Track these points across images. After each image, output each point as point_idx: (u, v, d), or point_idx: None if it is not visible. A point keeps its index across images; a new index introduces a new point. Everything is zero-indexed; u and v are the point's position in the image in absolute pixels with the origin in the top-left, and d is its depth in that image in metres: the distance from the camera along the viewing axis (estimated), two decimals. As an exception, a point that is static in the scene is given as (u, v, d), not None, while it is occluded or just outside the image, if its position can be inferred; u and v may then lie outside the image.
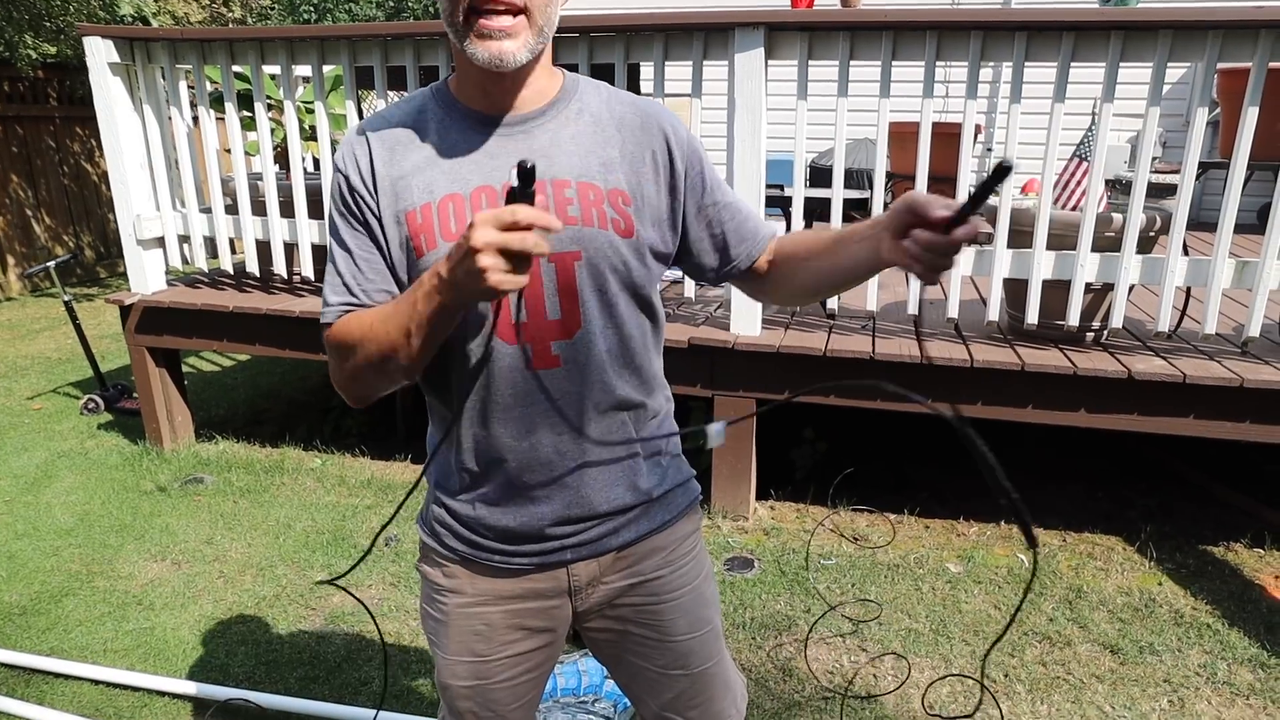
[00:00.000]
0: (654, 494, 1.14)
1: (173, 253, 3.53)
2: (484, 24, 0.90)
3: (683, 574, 1.18)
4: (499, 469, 1.07)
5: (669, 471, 1.17)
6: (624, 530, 1.13)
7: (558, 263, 0.99)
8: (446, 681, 1.18)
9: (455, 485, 1.12)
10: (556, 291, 1.00)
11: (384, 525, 1.08)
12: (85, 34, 3.19)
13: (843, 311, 3.17)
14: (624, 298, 1.05)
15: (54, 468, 3.58)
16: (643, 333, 1.09)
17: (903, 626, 2.44)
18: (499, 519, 1.10)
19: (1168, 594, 2.60)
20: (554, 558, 1.11)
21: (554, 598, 1.15)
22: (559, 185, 1.00)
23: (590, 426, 1.06)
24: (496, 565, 1.12)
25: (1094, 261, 2.60)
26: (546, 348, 1.02)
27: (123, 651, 2.37)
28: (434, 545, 1.16)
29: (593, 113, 1.05)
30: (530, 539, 1.10)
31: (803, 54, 2.63)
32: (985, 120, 6.42)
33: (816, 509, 3.15)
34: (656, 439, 1.14)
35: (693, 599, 1.19)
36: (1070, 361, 2.63)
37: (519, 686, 1.18)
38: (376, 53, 3.00)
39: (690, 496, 1.21)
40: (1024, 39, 2.47)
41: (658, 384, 1.15)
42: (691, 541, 1.21)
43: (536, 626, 1.16)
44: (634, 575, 1.15)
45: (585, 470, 1.08)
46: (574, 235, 1.00)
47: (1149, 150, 2.50)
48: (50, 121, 7.07)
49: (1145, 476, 3.42)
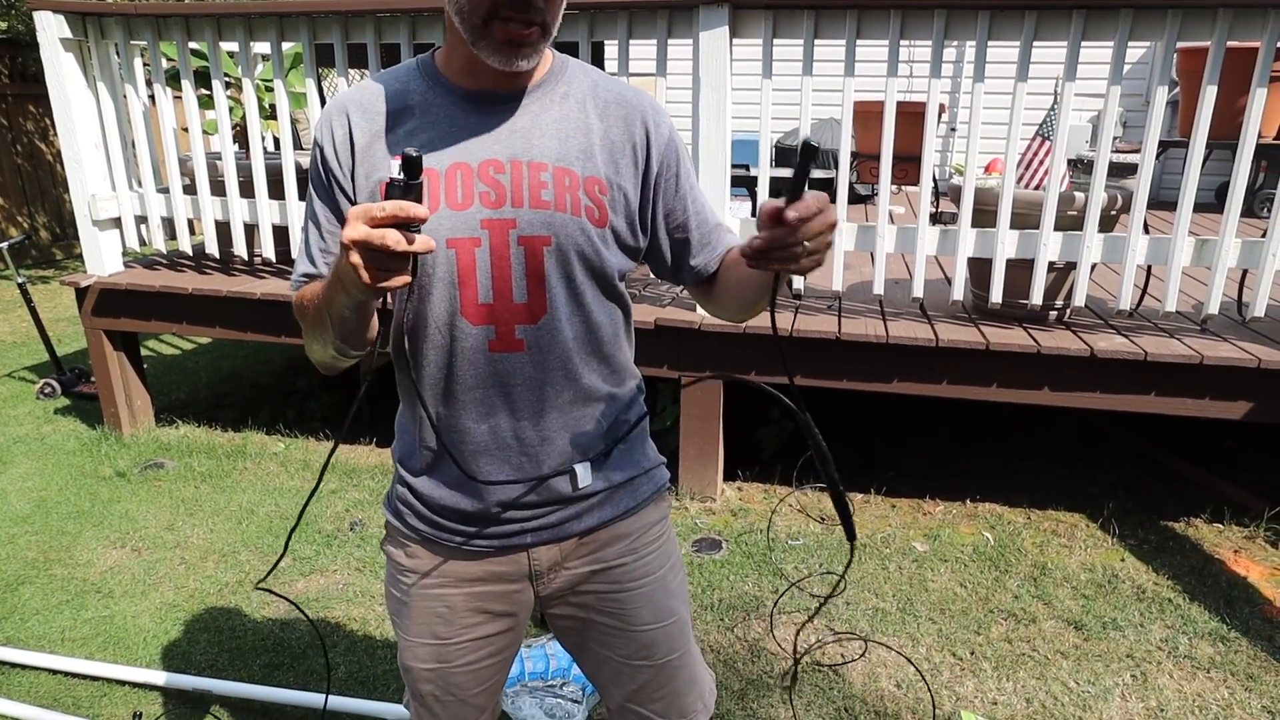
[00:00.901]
0: (616, 480, 1.13)
1: (130, 234, 3.44)
2: (506, 32, 0.90)
3: (647, 562, 1.17)
4: (458, 449, 1.06)
5: (635, 457, 1.16)
6: (586, 516, 1.12)
7: (527, 246, 0.98)
8: (408, 663, 1.17)
9: (417, 464, 1.11)
10: (525, 275, 0.99)
11: (305, 506, 1.06)
12: (36, 8, 3.08)
13: (809, 292, 3.16)
14: (591, 286, 1.04)
15: (9, 453, 3.49)
16: (611, 322, 1.08)
17: (870, 605, 2.46)
18: (458, 501, 1.09)
19: (1130, 570, 2.64)
20: (514, 541, 1.10)
21: (515, 582, 1.13)
22: (535, 168, 0.99)
23: (552, 413, 1.05)
24: (457, 546, 1.11)
25: (1057, 240, 2.62)
26: (511, 331, 1.01)
27: (81, 640, 2.32)
28: (397, 525, 1.16)
29: (578, 97, 1.03)
30: (490, 521, 1.09)
31: (767, 33, 2.61)
32: (949, 100, 6.43)
33: (784, 490, 3.16)
34: (622, 424, 1.13)
35: (657, 588, 1.18)
36: (1034, 340, 2.65)
37: (481, 670, 1.17)
38: (336, 30, 2.93)
39: (656, 484, 1.19)
40: (987, 18, 2.46)
41: (626, 373, 1.14)
42: (658, 530, 1.19)
43: (498, 610, 1.15)
44: (596, 562, 1.14)
45: (545, 456, 1.06)
46: (545, 220, 0.98)
47: (1110, 129, 2.52)
48: (2, 99, 6.86)
49: (1108, 453, 3.48)
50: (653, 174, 1.06)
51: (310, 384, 4.04)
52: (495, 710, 1.26)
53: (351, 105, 1.02)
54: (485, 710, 1.23)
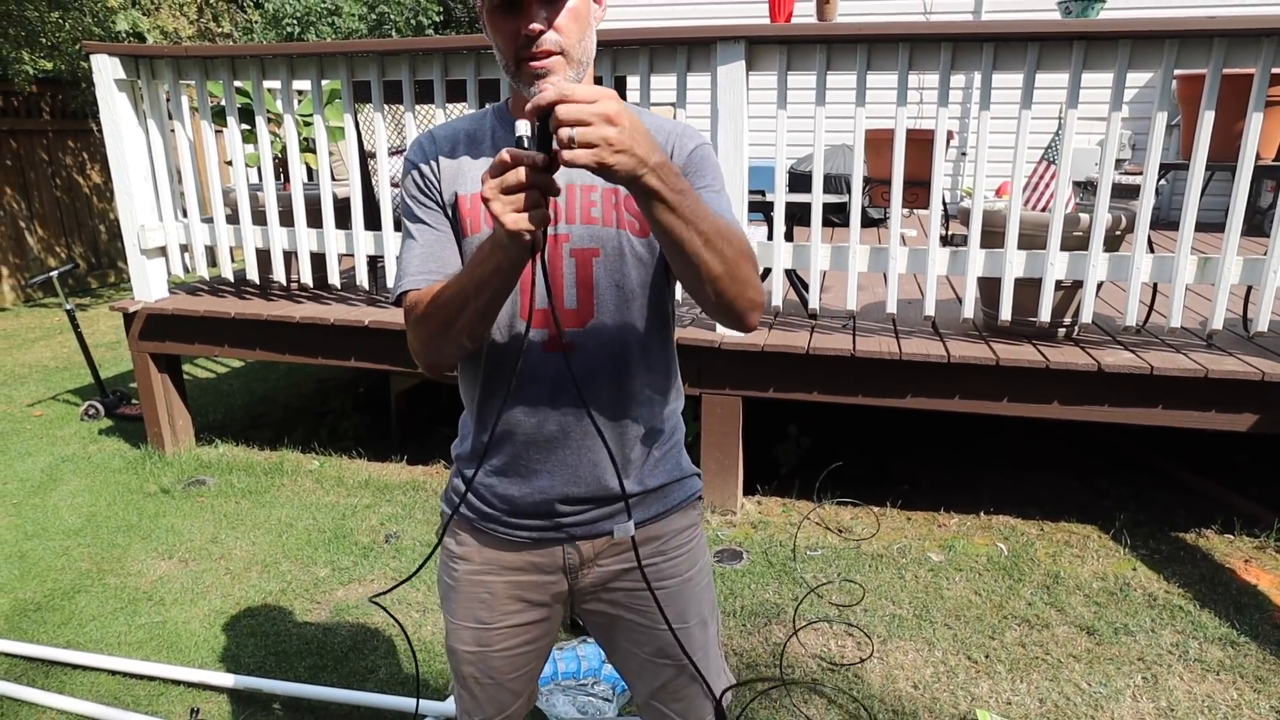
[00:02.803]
0: (650, 484, 1.22)
1: (174, 261, 3.62)
2: (529, 66, 1.04)
3: (673, 565, 1.25)
4: (509, 440, 1.17)
5: (669, 465, 1.24)
6: (620, 516, 1.21)
7: (578, 258, 1.12)
8: (453, 645, 1.28)
9: (467, 451, 1.23)
10: (575, 284, 1.12)
11: (433, 550, 1.17)
12: (92, 51, 3.28)
13: (824, 312, 3.28)
14: (638, 294, 1.15)
15: (58, 472, 3.65)
16: (654, 328, 1.17)
17: (887, 612, 2.55)
18: (505, 488, 1.20)
19: (1142, 578, 2.71)
20: (551, 534, 1.21)
21: (551, 573, 1.24)
22: (586, 190, 1.12)
23: (595, 411, 1.15)
24: (500, 536, 1.22)
25: (1063, 260, 2.72)
26: (561, 333, 1.13)
27: (136, 644, 2.45)
28: (450, 513, 1.26)
29: None
30: (530, 514, 1.20)
31: (782, 66, 2.75)
32: (958, 126, 6.58)
33: (802, 503, 3.26)
34: (659, 432, 1.22)
35: (682, 590, 1.25)
36: (1043, 356, 2.75)
37: (518, 657, 1.27)
38: (374, 68, 3.11)
39: (688, 492, 1.27)
40: (991, 49, 2.59)
41: (667, 379, 1.22)
42: (687, 535, 1.27)
43: (535, 600, 1.25)
44: (627, 561, 1.22)
45: (586, 453, 1.17)
46: (594, 234, 1.11)
47: (1112, 154, 2.63)
48: (44, 135, 7.14)
49: (1119, 467, 3.55)
50: None
51: (342, 405, 4.19)
52: (531, 698, 1.36)
53: (439, 135, 1.18)
54: (521, 696, 1.32)
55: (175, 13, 7.40)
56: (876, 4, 6.22)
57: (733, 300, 1.03)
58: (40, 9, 6.17)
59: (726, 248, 0.98)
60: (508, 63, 1.06)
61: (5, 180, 6.85)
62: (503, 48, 1.06)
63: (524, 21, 1.02)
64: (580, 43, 1.06)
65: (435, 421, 4.08)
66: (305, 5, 9.75)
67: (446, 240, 1.15)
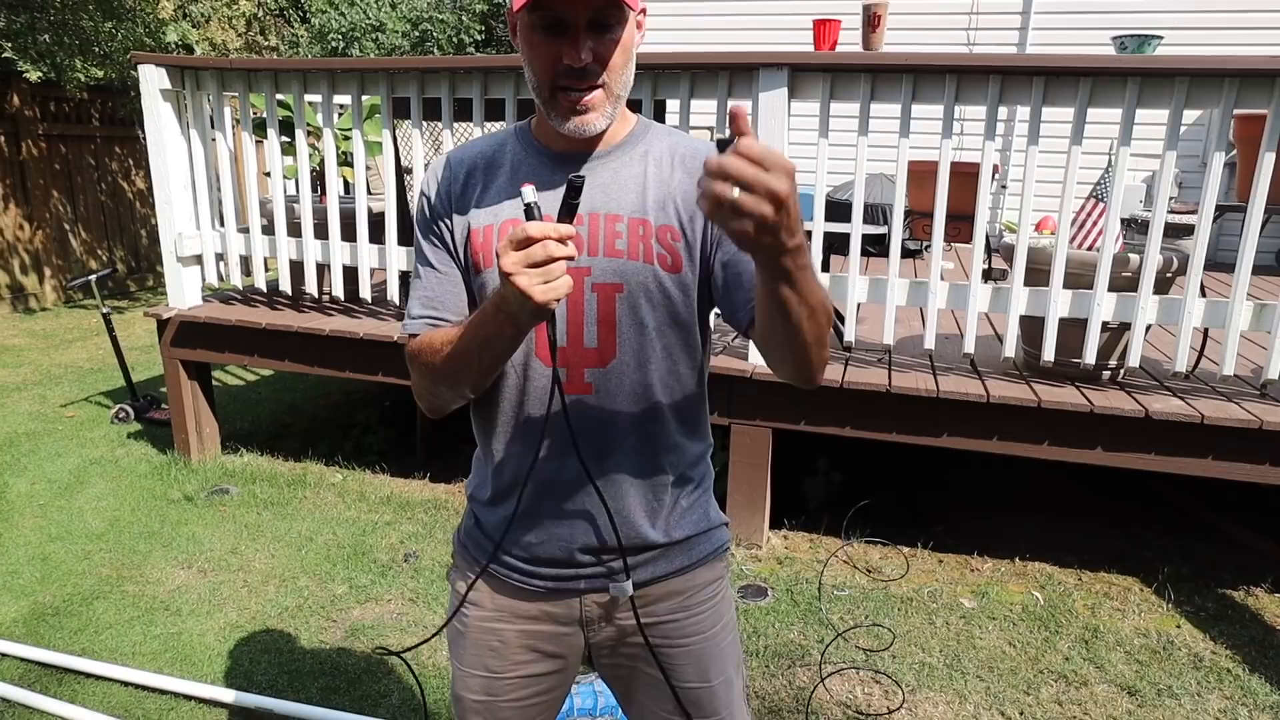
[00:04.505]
0: (675, 536, 1.14)
1: (209, 270, 3.64)
2: (569, 100, 0.98)
3: (698, 621, 1.17)
4: (525, 486, 1.11)
5: (695, 516, 1.17)
6: (640, 569, 1.13)
7: (599, 293, 1.04)
8: (460, 693, 1.21)
9: (485, 495, 1.17)
10: (596, 320, 1.05)
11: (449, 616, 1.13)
12: (140, 62, 3.33)
13: (859, 344, 3.21)
14: (664, 333, 1.07)
15: (86, 474, 3.67)
16: (682, 369, 1.10)
17: (916, 660, 2.45)
18: (519, 535, 1.13)
19: (1186, 637, 2.59)
20: (568, 585, 1.14)
21: (566, 625, 1.17)
22: (611, 219, 1.05)
23: (616, 456, 1.09)
24: (514, 583, 1.16)
25: (1111, 301, 2.63)
26: (580, 374, 1.06)
27: (151, 655, 2.43)
28: (462, 556, 1.21)
29: (657, 156, 1.08)
30: (546, 562, 1.14)
31: (825, 94, 2.71)
32: (1001, 159, 6.48)
33: (830, 540, 3.17)
34: (687, 480, 1.16)
35: (706, 648, 1.18)
36: (1087, 399, 2.65)
37: (528, 708, 1.20)
38: (414, 85, 3.12)
39: (715, 544, 1.20)
40: (1042, 83, 2.53)
41: (694, 422, 1.15)
42: (712, 590, 1.19)
43: (549, 651, 1.18)
44: (647, 615, 1.15)
45: (607, 501, 1.09)
46: (618, 268, 1.04)
47: (1165, 194, 2.54)
48: (92, 141, 7.31)
49: (1162, 516, 3.41)
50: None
51: (368, 418, 4.18)
52: None
53: (455, 160, 1.12)
54: None
55: (224, 25, 7.56)
56: (919, 34, 6.18)
57: (813, 363, 0.97)
58: (95, 19, 6.33)
59: (823, 316, 0.92)
60: (540, 87, 1.00)
61: (53, 184, 7.01)
62: (538, 70, 0.99)
63: (570, 49, 0.95)
64: (623, 76, 1.01)
65: (460, 439, 4.04)
66: (350, 21, 9.94)
67: (451, 283, 1.10)
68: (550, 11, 0.94)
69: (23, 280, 6.90)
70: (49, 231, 7.00)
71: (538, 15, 0.95)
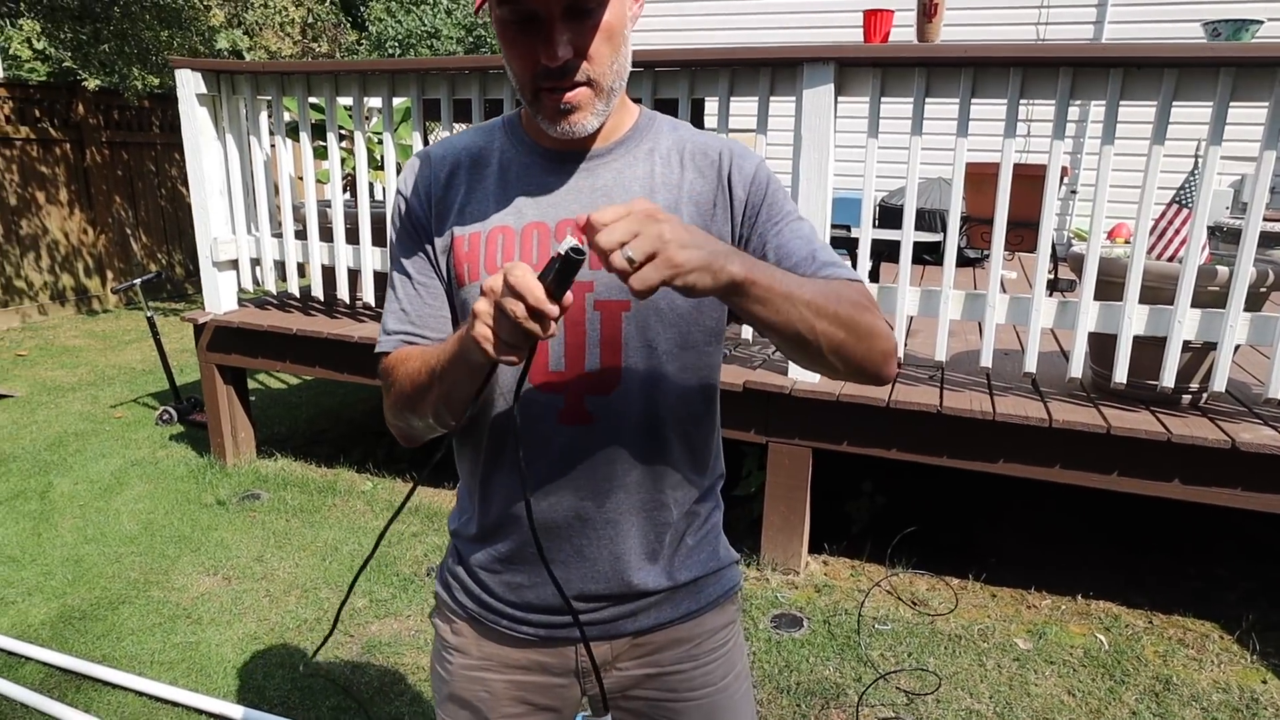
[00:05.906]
0: (680, 579, 1.03)
1: (245, 274, 3.63)
2: (553, 100, 0.87)
3: (707, 672, 1.07)
4: (514, 525, 1.00)
5: (704, 555, 1.06)
6: (643, 615, 1.03)
7: (603, 311, 0.92)
8: None
9: (471, 534, 1.06)
10: (599, 342, 0.93)
11: (356, 576, 1.01)
12: (177, 66, 3.34)
13: (909, 360, 3.00)
14: (676, 355, 0.96)
15: (126, 475, 3.70)
16: (693, 396, 0.99)
17: (963, 706, 2.25)
18: (508, 579, 1.02)
19: (1273, 694, 2.32)
20: (562, 633, 1.03)
21: (560, 675, 1.06)
22: None
23: (618, 493, 0.97)
24: (502, 630, 1.05)
25: (1194, 318, 2.38)
26: (580, 401, 0.94)
27: (168, 664, 2.40)
28: (446, 599, 1.11)
29: (664, 153, 0.97)
30: (537, 609, 1.02)
31: (875, 90, 2.52)
32: (1070, 161, 6.11)
33: (873, 567, 2.96)
34: (694, 515, 1.04)
35: (717, 702, 1.07)
36: (1164, 426, 2.40)
37: None
38: (443, 86, 3.03)
39: (726, 586, 1.09)
40: (1119, 76, 2.30)
41: (704, 453, 1.04)
42: (723, 636, 1.09)
43: (540, 703, 1.07)
44: (651, 665, 1.05)
45: (606, 543, 0.99)
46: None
47: (1261, 198, 2.28)
48: (152, 147, 7.51)
49: (1248, 555, 3.11)
50: (738, 214, 0.96)
51: (402, 424, 4.13)
52: None
53: (435, 156, 1.00)
54: None
55: (278, 33, 7.69)
56: (982, 28, 5.87)
57: (862, 360, 0.86)
58: (153, 28, 6.48)
59: (839, 306, 0.81)
60: (522, 89, 0.88)
61: (115, 189, 7.22)
62: (517, 71, 0.87)
63: (546, 47, 0.83)
64: (612, 66, 0.87)
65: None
66: (406, 29, 10.06)
67: (430, 295, 0.98)
68: (519, 5, 0.83)
69: (86, 283, 7.11)
70: (111, 235, 7.21)
71: (508, 9, 0.84)
